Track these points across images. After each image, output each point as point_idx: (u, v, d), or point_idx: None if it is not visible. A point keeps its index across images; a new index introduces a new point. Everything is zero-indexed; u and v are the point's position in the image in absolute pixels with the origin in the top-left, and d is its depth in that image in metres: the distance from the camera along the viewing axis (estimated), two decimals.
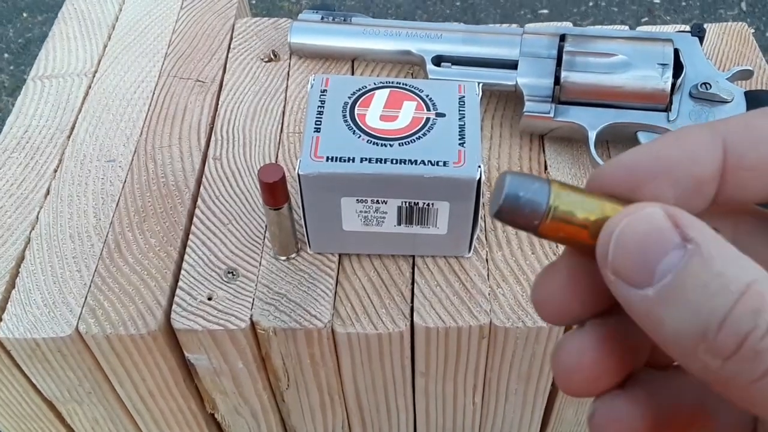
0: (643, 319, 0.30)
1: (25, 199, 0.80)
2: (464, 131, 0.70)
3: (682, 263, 0.29)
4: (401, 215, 0.70)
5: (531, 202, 0.33)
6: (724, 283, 0.28)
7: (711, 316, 0.28)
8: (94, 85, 0.92)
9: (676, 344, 0.29)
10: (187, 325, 0.70)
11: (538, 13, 2.97)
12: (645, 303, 0.29)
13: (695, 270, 0.29)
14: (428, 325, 0.71)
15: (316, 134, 0.69)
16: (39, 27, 2.93)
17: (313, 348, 0.73)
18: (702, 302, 0.28)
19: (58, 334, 0.70)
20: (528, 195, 0.33)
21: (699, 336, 0.28)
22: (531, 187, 0.33)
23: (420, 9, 2.98)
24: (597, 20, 2.92)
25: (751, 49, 0.93)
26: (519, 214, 0.33)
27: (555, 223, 0.33)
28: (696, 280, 0.28)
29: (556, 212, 0.33)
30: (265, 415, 0.83)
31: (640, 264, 0.30)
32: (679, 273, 0.29)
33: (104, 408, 0.81)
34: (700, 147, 0.33)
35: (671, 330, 0.29)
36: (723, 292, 0.28)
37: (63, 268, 0.74)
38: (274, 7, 2.98)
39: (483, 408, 0.83)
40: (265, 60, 0.94)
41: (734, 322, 0.27)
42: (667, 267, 0.29)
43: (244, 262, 0.75)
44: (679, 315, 0.28)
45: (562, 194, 0.33)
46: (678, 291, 0.29)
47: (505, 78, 0.84)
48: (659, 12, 2.98)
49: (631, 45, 0.80)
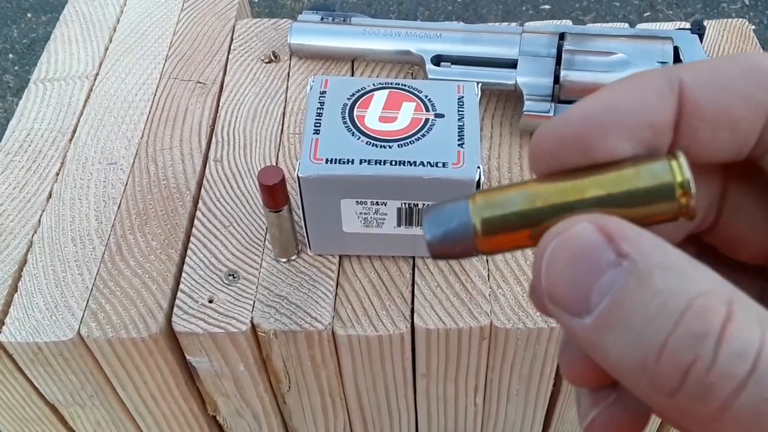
0: (588, 349, 0.27)
1: (28, 202, 0.80)
2: (463, 132, 0.70)
3: (617, 284, 0.26)
4: (401, 216, 0.70)
5: (455, 233, 0.31)
6: (663, 302, 0.25)
7: (651, 341, 0.24)
8: (96, 88, 0.92)
9: (622, 376, 0.26)
10: (189, 328, 0.70)
11: (539, 8, 2.97)
12: (585, 332, 0.26)
13: (633, 289, 0.25)
14: (429, 326, 0.71)
15: (316, 136, 0.69)
16: (43, 27, 2.93)
17: (314, 350, 0.73)
18: (642, 327, 0.25)
19: (60, 338, 0.70)
20: (450, 226, 0.31)
21: (640, 367, 0.25)
22: (448, 218, 0.31)
23: (422, 5, 2.98)
24: (599, 15, 2.91)
25: (752, 46, 0.93)
26: (451, 250, 0.31)
27: (491, 238, 0.31)
28: (635, 300, 0.25)
29: (485, 227, 0.30)
30: (266, 417, 0.83)
31: (574, 290, 0.27)
32: (615, 295, 0.25)
33: (106, 411, 0.81)
34: (652, 91, 0.29)
35: (614, 360, 0.26)
36: (662, 313, 0.24)
37: (65, 272, 0.74)
38: (276, 5, 2.98)
39: (485, 409, 0.83)
40: (265, 61, 0.94)
41: (673, 350, 0.24)
42: (602, 289, 0.26)
43: (245, 264, 0.75)
44: (620, 342, 0.25)
45: (483, 207, 0.31)
46: (616, 315, 0.25)
47: (504, 77, 0.84)
48: (661, 6, 2.97)
49: (630, 43, 0.80)
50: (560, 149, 0.30)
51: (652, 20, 2.89)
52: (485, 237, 0.30)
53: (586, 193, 0.30)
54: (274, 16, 2.91)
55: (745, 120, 0.29)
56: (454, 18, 2.91)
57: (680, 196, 0.29)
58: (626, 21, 2.88)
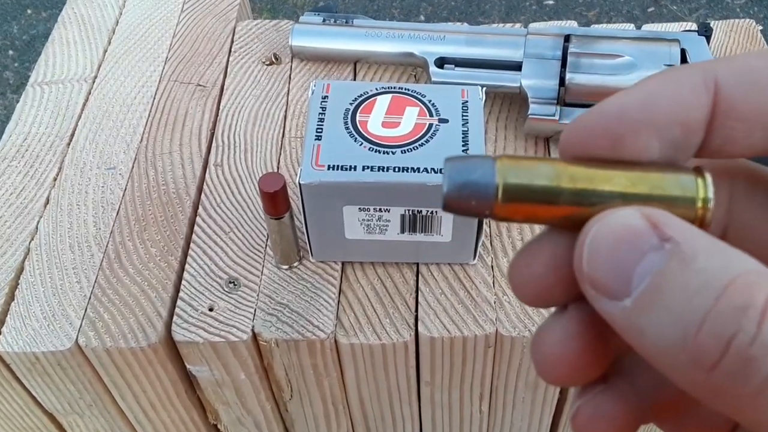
0: (626, 334, 0.26)
1: (25, 208, 0.79)
2: (467, 137, 0.69)
3: (658, 265, 0.25)
4: (404, 223, 0.69)
5: (473, 185, 0.29)
6: (705, 280, 0.24)
7: (691, 318, 0.24)
8: (94, 91, 0.91)
9: (659, 356, 0.25)
10: (188, 337, 0.69)
11: (543, 4, 2.96)
12: (624, 315, 0.26)
13: (675, 270, 0.25)
14: (433, 335, 0.70)
15: (318, 142, 0.68)
16: (44, 23, 2.92)
17: (316, 359, 0.72)
18: (682, 304, 0.24)
19: (58, 347, 0.69)
20: (467, 178, 0.30)
21: (679, 344, 0.24)
22: (470, 167, 0.30)
23: (424, 1, 2.97)
24: (603, 10, 2.91)
25: (759, 47, 0.92)
26: (466, 204, 0.30)
27: (509, 205, 0.30)
28: (676, 281, 0.25)
29: (507, 191, 0.29)
30: (268, 425, 0.82)
31: (615, 272, 0.27)
32: (657, 275, 0.25)
33: (105, 420, 0.80)
34: (689, 89, 0.29)
35: (651, 340, 0.25)
36: (704, 290, 0.24)
37: (63, 280, 0.73)
38: (279, 1, 2.97)
39: (490, 416, 0.82)
40: (266, 63, 0.93)
41: (714, 324, 0.24)
42: (644, 271, 0.26)
43: (246, 271, 0.74)
44: (658, 322, 0.25)
45: (508, 171, 0.30)
46: (656, 295, 0.25)
47: (509, 80, 0.83)
48: (665, 1, 2.96)
49: (636, 45, 0.79)
50: (591, 141, 0.30)
51: (656, 15, 2.88)
52: (504, 202, 0.30)
53: (612, 184, 0.30)
54: (276, 11, 2.90)
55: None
56: (457, 13, 2.90)
57: (700, 209, 0.29)
58: (630, 16, 2.87)
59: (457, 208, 0.30)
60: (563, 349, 0.31)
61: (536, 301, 0.32)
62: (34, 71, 0.93)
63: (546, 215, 0.30)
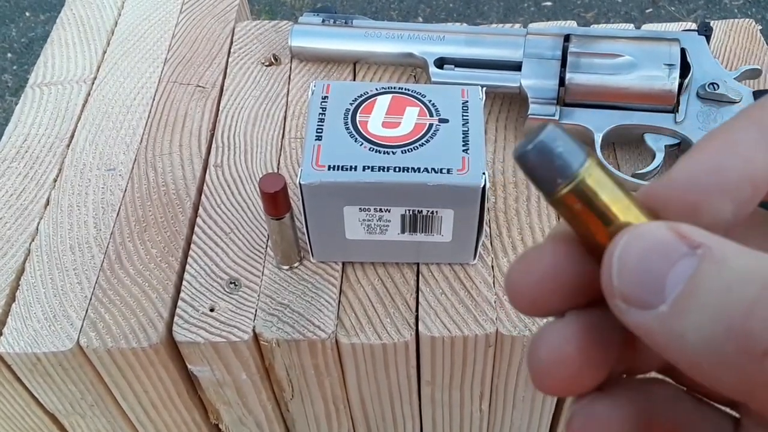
0: (664, 342, 0.27)
1: (25, 209, 0.79)
2: (468, 137, 0.69)
3: (693, 269, 0.26)
4: (405, 223, 0.69)
5: (562, 159, 0.30)
6: (744, 277, 0.25)
7: (735, 310, 0.25)
8: (94, 92, 0.91)
9: (704, 355, 0.25)
10: (190, 338, 0.69)
11: (541, 5, 2.96)
12: (661, 322, 0.26)
13: (710, 271, 0.26)
14: (434, 334, 0.70)
15: (318, 142, 0.69)
16: (42, 26, 2.92)
17: (317, 359, 0.72)
18: (722, 300, 0.25)
19: (59, 348, 0.69)
20: (563, 150, 0.30)
21: (725, 335, 0.25)
22: (569, 145, 0.30)
23: (423, 2, 2.97)
24: (601, 11, 2.91)
25: (759, 46, 0.92)
26: (545, 165, 0.30)
27: (574, 196, 0.30)
28: (713, 281, 0.25)
29: (581, 184, 0.30)
30: (269, 425, 0.82)
31: (647, 282, 0.27)
32: (692, 279, 0.26)
33: (107, 420, 0.80)
34: (752, 147, 0.29)
35: (694, 340, 0.25)
36: (745, 284, 0.25)
37: (63, 281, 0.73)
38: (276, 2, 2.97)
39: (490, 415, 0.82)
40: (266, 64, 0.93)
41: (764, 309, 0.24)
42: (677, 278, 0.26)
43: (246, 272, 0.74)
44: (698, 321, 0.25)
45: (596, 170, 0.30)
46: (692, 298, 0.26)
47: (508, 80, 0.83)
48: (663, 2, 2.96)
49: (636, 45, 0.79)
50: (666, 211, 0.30)
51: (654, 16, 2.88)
52: (571, 192, 0.30)
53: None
54: (275, 13, 2.90)
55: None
56: (455, 15, 2.90)
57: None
58: (628, 17, 2.87)
59: (534, 162, 0.30)
60: (561, 350, 0.31)
61: (532, 309, 0.33)
62: (33, 73, 0.93)
63: (587, 228, 0.31)
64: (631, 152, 0.83)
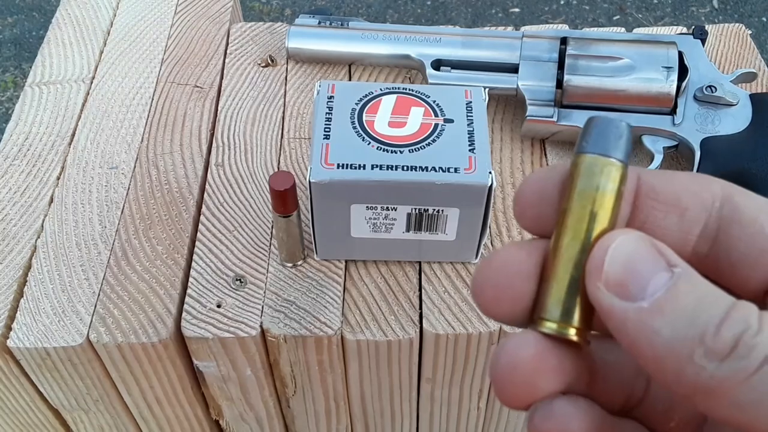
0: (635, 331, 0.31)
1: (29, 207, 0.80)
2: (473, 137, 0.70)
3: (671, 282, 0.31)
4: (410, 222, 0.71)
5: (627, 145, 0.34)
6: (712, 299, 0.30)
7: (708, 321, 0.29)
8: (93, 92, 0.91)
9: (671, 353, 0.30)
10: (198, 333, 0.70)
11: (509, 11, 2.99)
12: (640, 314, 0.30)
13: (684, 288, 0.30)
14: (438, 332, 0.71)
15: (326, 141, 0.69)
16: (9, 29, 2.91)
17: (323, 355, 0.73)
18: (697, 312, 0.30)
19: (69, 343, 0.70)
20: (619, 138, 0.34)
21: (696, 340, 0.29)
22: (625, 143, 0.34)
23: (391, 8, 2.99)
24: (569, 18, 2.94)
25: (750, 51, 0.94)
26: (615, 136, 0.34)
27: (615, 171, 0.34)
28: (687, 296, 0.30)
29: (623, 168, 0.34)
30: (269, 421, 0.83)
31: (634, 278, 0.31)
32: (671, 289, 0.30)
33: (110, 416, 0.81)
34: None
35: (667, 338, 0.30)
36: (714, 305, 0.30)
37: (71, 277, 0.74)
38: (244, 8, 2.97)
39: (487, 413, 0.83)
40: (262, 65, 0.94)
41: (730, 325, 0.29)
42: (657, 284, 0.31)
43: (252, 269, 0.75)
44: (675, 323, 0.30)
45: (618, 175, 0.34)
46: (672, 303, 0.30)
47: (505, 82, 0.84)
48: (630, 9, 3.00)
49: (634, 48, 0.81)
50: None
51: (622, 23, 2.91)
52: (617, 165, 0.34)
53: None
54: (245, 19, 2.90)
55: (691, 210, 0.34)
56: (423, 20, 2.92)
57: None
58: (596, 24, 2.91)
59: (607, 125, 0.34)
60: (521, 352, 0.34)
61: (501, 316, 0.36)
62: (32, 72, 0.94)
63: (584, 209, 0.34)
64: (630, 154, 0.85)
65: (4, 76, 2.75)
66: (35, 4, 3.04)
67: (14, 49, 2.85)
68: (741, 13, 2.97)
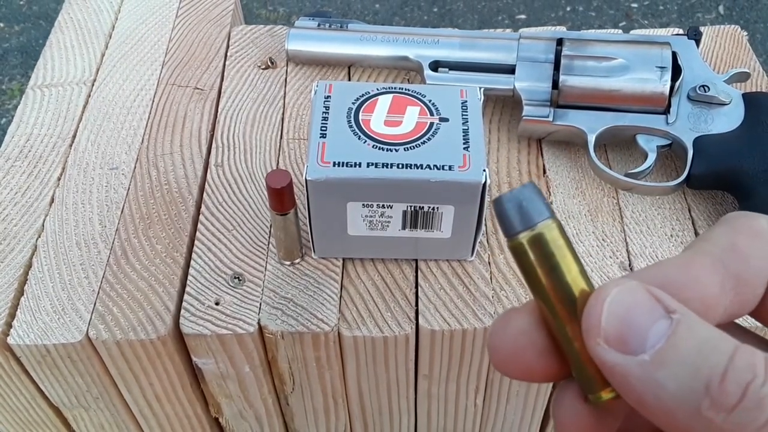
0: (641, 386, 0.31)
1: (30, 207, 0.80)
2: (468, 136, 0.71)
3: (670, 330, 0.30)
4: (406, 219, 0.71)
5: (528, 210, 0.34)
6: (714, 345, 0.30)
7: (712, 372, 0.29)
8: (94, 94, 0.92)
9: (679, 406, 0.29)
10: (197, 330, 0.71)
11: (515, 18, 2.99)
12: (643, 368, 0.30)
13: (685, 335, 0.30)
14: (434, 328, 0.71)
15: (322, 140, 0.70)
16: (16, 37, 2.92)
17: (320, 351, 0.73)
18: (699, 361, 0.29)
19: (69, 340, 0.70)
20: (531, 204, 0.34)
21: (702, 392, 0.29)
22: (538, 203, 0.34)
23: (397, 15, 3.00)
24: (575, 25, 2.94)
25: (745, 52, 0.95)
26: (512, 212, 0.34)
27: (527, 245, 0.34)
28: (686, 343, 0.30)
29: (537, 237, 0.34)
30: (269, 419, 0.84)
31: (633, 330, 0.31)
32: (671, 338, 0.30)
33: (110, 413, 0.81)
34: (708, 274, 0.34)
35: (673, 391, 0.29)
36: (716, 352, 0.29)
37: (71, 275, 0.75)
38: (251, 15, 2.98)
39: (484, 409, 0.84)
40: (262, 67, 0.95)
41: (735, 374, 0.29)
42: (657, 334, 0.30)
43: (250, 267, 0.75)
44: (679, 375, 0.29)
45: (555, 232, 0.34)
46: (673, 353, 0.30)
47: (502, 82, 0.85)
48: (637, 16, 3.00)
49: (628, 48, 0.81)
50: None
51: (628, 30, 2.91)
52: (525, 241, 0.34)
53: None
54: None
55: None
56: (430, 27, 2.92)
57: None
58: None
59: (499, 207, 0.35)
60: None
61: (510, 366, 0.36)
62: (34, 74, 0.94)
63: (537, 285, 0.34)
64: (624, 153, 0.86)
65: (11, 84, 2.77)
66: (42, 12, 3.05)
67: (21, 57, 2.86)
68: (747, 19, 2.98)
